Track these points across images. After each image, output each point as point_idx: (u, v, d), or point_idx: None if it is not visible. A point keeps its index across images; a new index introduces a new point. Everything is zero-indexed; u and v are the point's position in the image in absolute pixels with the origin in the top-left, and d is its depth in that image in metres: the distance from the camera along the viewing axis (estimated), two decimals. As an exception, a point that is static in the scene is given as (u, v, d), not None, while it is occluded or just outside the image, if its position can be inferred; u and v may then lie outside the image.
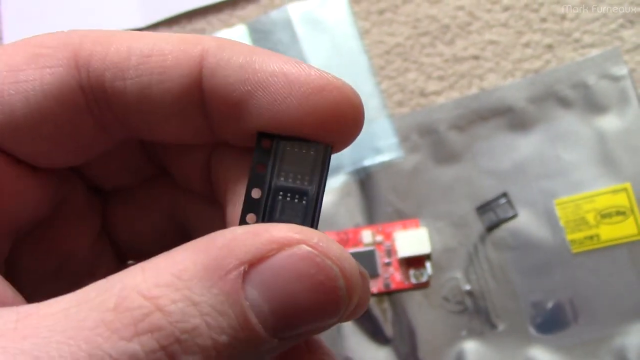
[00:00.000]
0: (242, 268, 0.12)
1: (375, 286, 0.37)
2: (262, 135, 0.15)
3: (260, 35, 0.43)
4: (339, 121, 0.14)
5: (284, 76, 0.14)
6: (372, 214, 0.39)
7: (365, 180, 0.40)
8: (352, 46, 0.42)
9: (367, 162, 0.40)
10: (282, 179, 0.15)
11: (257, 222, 0.15)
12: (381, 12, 0.42)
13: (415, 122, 0.40)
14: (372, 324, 0.38)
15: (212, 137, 0.16)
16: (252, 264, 0.13)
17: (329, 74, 0.14)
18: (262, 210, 0.15)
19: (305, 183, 0.15)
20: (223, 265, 0.12)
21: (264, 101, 0.14)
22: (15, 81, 0.14)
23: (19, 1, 0.46)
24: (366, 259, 0.38)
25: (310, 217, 0.15)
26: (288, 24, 0.43)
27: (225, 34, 0.43)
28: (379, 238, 0.38)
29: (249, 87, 0.14)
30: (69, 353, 0.11)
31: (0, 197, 0.15)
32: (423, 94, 0.41)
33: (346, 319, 0.15)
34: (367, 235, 0.38)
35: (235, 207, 0.16)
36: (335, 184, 0.40)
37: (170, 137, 0.16)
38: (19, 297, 0.14)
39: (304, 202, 0.15)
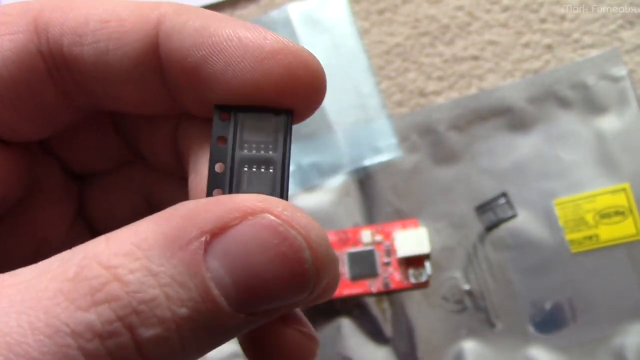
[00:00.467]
0: (203, 238, 0.12)
1: (374, 286, 0.37)
2: (220, 107, 0.14)
3: (260, 35, 0.43)
4: (295, 86, 0.14)
5: (238, 40, 0.14)
6: (371, 214, 0.39)
7: (364, 180, 0.40)
8: (351, 46, 0.42)
9: (367, 162, 0.40)
10: (245, 150, 0.14)
11: None
12: (381, 12, 0.42)
13: (414, 122, 0.40)
14: (371, 323, 0.38)
15: (174, 108, 0.16)
16: (214, 233, 0.12)
17: (287, 39, 0.14)
18: (228, 184, 0.14)
19: (270, 152, 0.14)
20: (184, 234, 0.12)
21: (218, 66, 0.14)
22: None
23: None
24: (365, 258, 0.38)
25: (279, 184, 0.14)
26: (288, 24, 0.43)
27: (225, 33, 0.43)
28: (379, 238, 0.38)
29: (204, 52, 0.14)
30: (27, 323, 0.11)
31: None
32: (422, 94, 0.41)
33: (315, 300, 0.14)
34: (366, 235, 0.38)
35: (196, 176, 0.15)
36: (335, 184, 0.40)
37: (130, 106, 0.16)
38: None
39: (270, 170, 0.14)
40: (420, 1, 0.42)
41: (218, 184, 0.14)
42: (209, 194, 0.14)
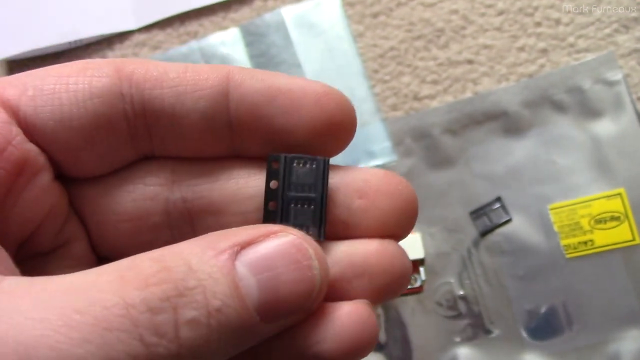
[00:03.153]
0: (235, 249, 0.15)
1: (368, 291, 0.37)
2: (271, 158, 0.18)
3: (254, 38, 0.43)
4: (342, 119, 0.18)
5: (297, 85, 0.18)
6: (365, 218, 0.39)
7: (358, 184, 0.40)
8: (345, 49, 0.42)
9: (361, 166, 0.40)
10: (293, 192, 0.18)
11: None
12: (375, 15, 0.42)
13: (409, 126, 0.40)
14: (365, 329, 0.37)
15: (229, 151, 0.19)
16: (243, 246, 0.15)
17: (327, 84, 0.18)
18: (279, 219, 0.18)
19: (312, 193, 0.18)
20: (218, 246, 0.15)
21: (285, 104, 0.18)
22: (66, 83, 0.17)
23: None
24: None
25: (318, 216, 0.18)
26: (282, 27, 0.42)
27: (218, 36, 0.43)
28: (372, 242, 0.38)
29: (272, 93, 0.18)
30: (88, 300, 0.13)
31: (36, 211, 0.17)
32: (417, 97, 0.40)
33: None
34: (360, 240, 0.38)
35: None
36: (329, 188, 0.40)
37: (188, 149, 0.18)
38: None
39: (311, 207, 0.18)
40: (415, 4, 0.42)
41: (271, 219, 0.18)
42: None
